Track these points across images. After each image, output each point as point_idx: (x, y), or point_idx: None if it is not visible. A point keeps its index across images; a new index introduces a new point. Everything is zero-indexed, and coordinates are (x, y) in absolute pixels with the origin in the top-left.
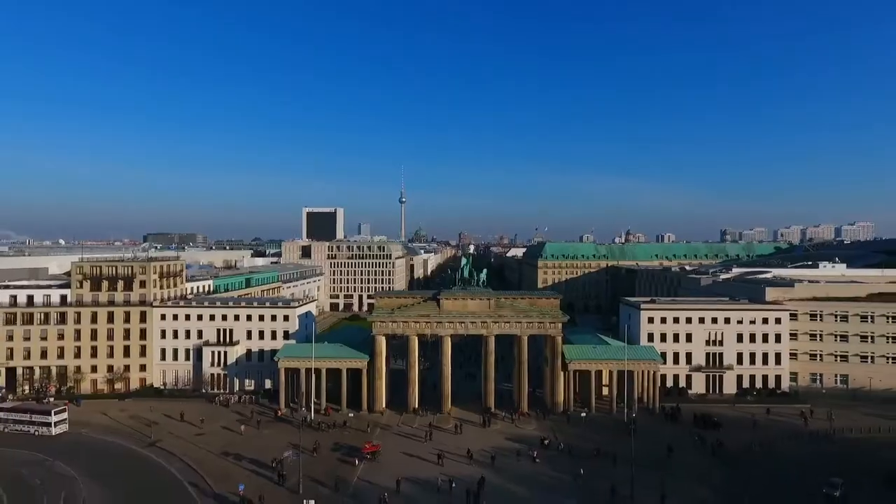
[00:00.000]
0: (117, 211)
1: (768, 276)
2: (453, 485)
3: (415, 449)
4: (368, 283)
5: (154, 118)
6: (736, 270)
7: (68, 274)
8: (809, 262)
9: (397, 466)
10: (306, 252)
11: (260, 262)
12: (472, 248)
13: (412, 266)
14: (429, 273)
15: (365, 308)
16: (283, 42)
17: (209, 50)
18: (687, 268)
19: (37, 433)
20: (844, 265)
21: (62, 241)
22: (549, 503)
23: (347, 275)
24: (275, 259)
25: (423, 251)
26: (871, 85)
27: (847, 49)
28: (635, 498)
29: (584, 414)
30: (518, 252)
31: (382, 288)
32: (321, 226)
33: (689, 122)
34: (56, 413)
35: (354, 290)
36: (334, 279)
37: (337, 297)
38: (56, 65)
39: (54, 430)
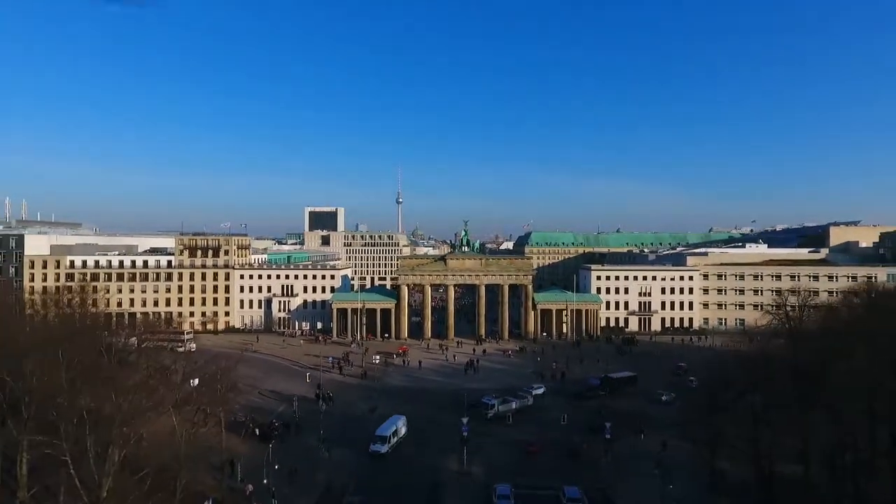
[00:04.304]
0: (118, 210)
1: (700, 251)
2: (455, 358)
3: (430, 352)
4: (379, 267)
5: (155, 120)
6: (679, 249)
7: (155, 250)
8: (740, 244)
9: (420, 357)
10: (325, 241)
11: (286, 248)
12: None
13: (416, 254)
14: None
15: None
16: (282, 45)
17: (210, 56)
18: (645, 251)
19: (173, 349)
20: (766, 245)
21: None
22: (516, 371)
23: (361, 260)
24: (295, 247)
25: (423, 244)
26: (870, 86)
27: (839, 44)
28: (568, 366)
29: (545, 334)
30: (510, 245)
31: (392, 272)
32: (322, 225)
33: (684, 126)
34: (187, 335)
35: (367, 273)
36: (350, 264)
37: (352, 279)
38: (56, 65)
39: (187, 346)
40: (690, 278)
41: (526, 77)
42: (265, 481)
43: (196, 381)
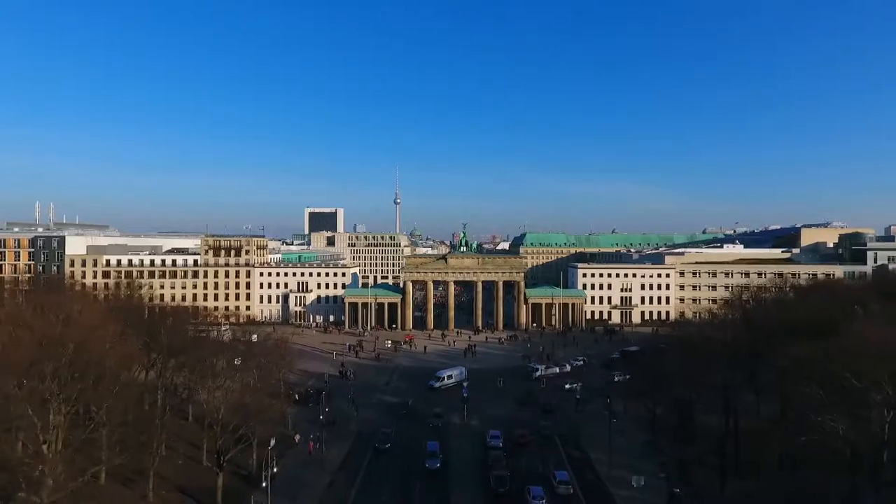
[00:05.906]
0: (118, 211)
1: (678, 251)
2: (455, 344)
3: (433, 340)
4: (382, 266)
5: (155, 120)
6: (662, 249)
7: (177, 249)
8: (718, 245)
9: (424, 344)
10: (330, 241)
11: (294, 248)
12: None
13: (417, 254)
14: None
15: None
16: (281, 48)
17: (210, 58)
18: (632, 251)
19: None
20: (742, 246)
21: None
22: (509, 355)
23: (365, 260)
24: (301, 247)
25: (422, 244)
26: (868, 86)
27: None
28: (553, 350)
29: (535, 325)
30: (506, 245)
31: (393, 270)
32: (323, 225)
33: (680, 127)
34: (224, 325)
35: (370, 272)
36: (354, 263)
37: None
38: (54, 64)
39: (224, 334)
40: (668, 275)
41: (525, 77)
42: (321, 417)
43: (238, 359)
